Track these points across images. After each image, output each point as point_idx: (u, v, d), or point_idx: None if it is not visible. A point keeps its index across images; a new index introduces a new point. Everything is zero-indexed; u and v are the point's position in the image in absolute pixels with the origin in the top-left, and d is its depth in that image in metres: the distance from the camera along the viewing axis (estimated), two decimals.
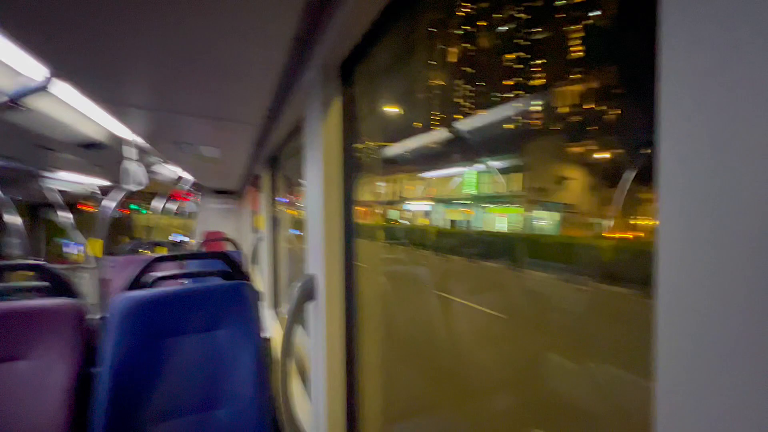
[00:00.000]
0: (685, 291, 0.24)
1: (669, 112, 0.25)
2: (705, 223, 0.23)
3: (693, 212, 0.23)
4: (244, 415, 1.22)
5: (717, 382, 0.22)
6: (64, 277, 1.44)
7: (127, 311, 1.21)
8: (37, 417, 1.09)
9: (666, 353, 0.25)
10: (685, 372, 0.24)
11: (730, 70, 0.21)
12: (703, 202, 0.23)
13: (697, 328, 0.23)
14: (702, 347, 0.23)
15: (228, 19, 0.77)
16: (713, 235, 0.22)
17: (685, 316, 0.24)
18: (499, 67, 0.74)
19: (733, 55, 0.21)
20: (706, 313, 0.23)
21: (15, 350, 1.14)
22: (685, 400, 0.24)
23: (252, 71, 1.06)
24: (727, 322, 0.22)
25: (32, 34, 0.84)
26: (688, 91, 0.24)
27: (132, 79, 1.15)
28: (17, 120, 1.79)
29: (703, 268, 0.23)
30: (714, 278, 0.22)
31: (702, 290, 0.23)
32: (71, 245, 5.41)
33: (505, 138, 0.80)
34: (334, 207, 0.99)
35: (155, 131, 1.88)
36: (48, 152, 2.55)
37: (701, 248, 0.23)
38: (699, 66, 0.23)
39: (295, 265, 2.79)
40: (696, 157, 0.23)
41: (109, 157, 2.89)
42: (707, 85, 0.23)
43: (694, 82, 0.23)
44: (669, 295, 0.25)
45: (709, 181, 0.22)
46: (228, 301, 1.33)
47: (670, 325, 0.25)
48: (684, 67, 0.24)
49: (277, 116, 1.57)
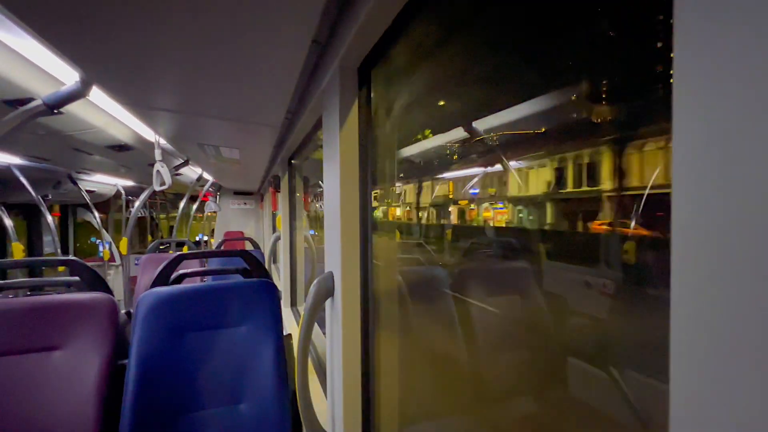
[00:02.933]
0: (699, 290, 0.24)
1: (683, 112, 0.25)
2: (719, 222, 0.23)
3: (707, 211, 0.23)
4: (265, 410, 1.25)
5: (732, 382, 0.22)
6: (95, 273, 1.50)
7: (153, 307, 1.25)
8: (71, 404, 1.15)
9: (680, 354, 0.25)
10: (700, 372, 0.24)
11: (745, 69, 0.21)
12: (718, 201, 0.23)
13: (711, 328, 0.23)
14: (717, 348, 0.23)
15: (249, 24, 0.80)
16: (728, 233, 0.22)
17: (700, 316, 0.24)
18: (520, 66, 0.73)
19: (749, 54, 0.21)
20: (721, 312, 0.23)
21: (52, 340, 1.20)
22: (700, 401, 0.24)
23: (272, 74, 1.09)
24: (742, 322, 0.22)
25: (66, 40, 0.89)
26: (703, 90, 0.23)
27: (159, 83, 1.20)
28: (50, 123, 1.88)
29: (717, 266, 0.23)
30: (729, 276, 0.22)
31: (717, 289, 0.23)
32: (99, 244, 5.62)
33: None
34: (352, 206, 1.00)
35: (180, 133, 1.94)
36: (78, 154, 2.67)
37: (715, 247, 0.23)
38: (713, 65, 0.23)
39: (312, 265, 2.83)
40: (710, 157, 0.23)
41: (136, 159, 3.00)
42: (722, 85, 0.23)
43: (708, 81, 0.23)
44: (683, 295, 0.25)
45: (724, 179, 0.22)
46: (250, 298, 1.36)
47: (684, 325, 0.25)
48: (698, 66, 0.24)
49: (296, 118, 1.60)
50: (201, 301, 1.31)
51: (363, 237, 1.02)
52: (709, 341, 0.24)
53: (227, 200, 6.38)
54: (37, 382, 1.15)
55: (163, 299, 1.27)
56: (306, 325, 1.03)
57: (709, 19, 0.23)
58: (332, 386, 1.13)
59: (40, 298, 1.23)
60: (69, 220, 5.91)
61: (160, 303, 1.26)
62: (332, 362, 1.12)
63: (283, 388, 1.28)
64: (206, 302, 1.32)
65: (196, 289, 1.33)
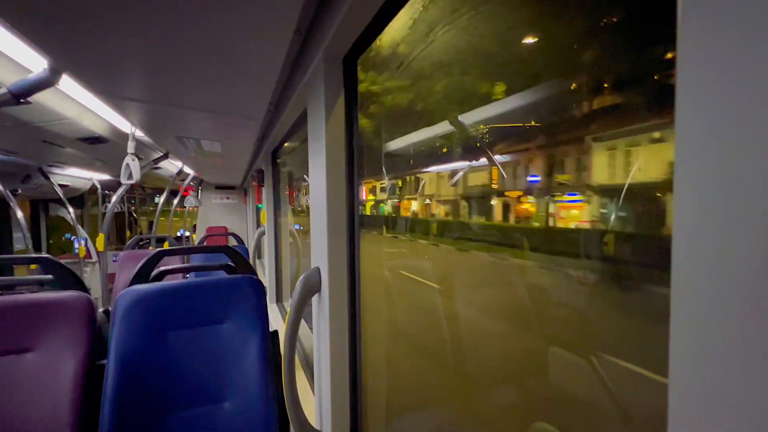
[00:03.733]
0: (700, 288, 0.24)
1: (686, 110, 0.25)
2: (721, 221, 0.23)
3: (709, 210, 0.23)
4: (251, 408, 1.23)
5: (732, 381, 0.22)
6: (69, 271, 1.44)
7: (132, 305, 1.21)
8: (46, 408, 1.10)
9: (680, 353, 0.25)
10: (699, 371, 0.24)
11: (749, 68, 0.21)
12: (720, 200, 0.23)
13: (712, 327, 0.23)
14: (717, 347, 0.23)
15: (229, 12, 0.77)
16: (729, 232, 0.22)
17: (700, 315, 0.24)
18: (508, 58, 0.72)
19: (752, 52, 0.21)
20: (722, 311, 0.23)
21: (24, 342, 1.15)
22: (699, 401, 0.24)
23: (254, 65, 1.05)
24: (742, 321, 0.22)
25: (33, 25, 0.84)
26: (706, 88, 0.23)
27: (133, 72, 1.14)
28: (17, 113, 1.78)
29: (718, 265, 0.23)
30: (730, 275, 0.22)
31: (718, 288, 0.23)
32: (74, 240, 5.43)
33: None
34: (339, 200, 0.99)
35: (157, 125, 1.87)
36: (49, 146, 2.55)
37: (717, 245, 0.23)
38: (717, 63, 0.23)
39: (297, 259, 2.80)
40: (712, 155, 0.23)
41: (112, 152, 2.89)
42: (725, 83, 0.22)
43: (712, 79, 0.23)
44: (684, 293, 0.25)
45: (727, 177, 0.22)
46: (234, 294, 1.33)
47: (684, 324, 0.25)
48: (702, 64, 0.24)
49: (280, 110, 1.56)
50: (183, 298, 1.28)
51: (350, 232, 1.00)
52: (708, 340, 0.23)
53: (209, 195, 6.24)
54: (9, 386, 1.10)
55: (143, 297, 1.23)
56: (292, 322, 1.01)
57: (714, 19, 0.23)
58: (320, 383, 1.12)
59: (10, 298, 1.18)
60: (41, 216, 5.68)
61: (139, 300, 1.22)
62: (319, 358, 1.11)
63: (270, 385, 1.26)
64: (188, 299, 1.28)
65: (178, 286, 1.29)
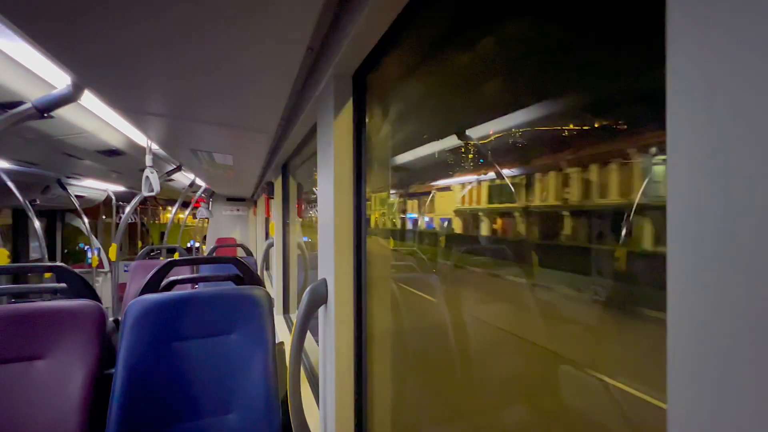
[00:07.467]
0: (696, 294, 0.24)
1: (677, 114, 0.25)
2: (715, 225, 0.23)
3: (703, 214, 0.24)
4: (256, 419, 1.22)
5: (730, 383, 0.22)
6: (83, 280, 1.47)
7: (142, 314, 1.23)
8: (55, 415, 1.11)
9: (677, 357, 0.25)
10: (697, 374, 0.24)
11: (739, 70, 0.22)
12: (713, 203, 0.23)
13: (709, 332, 0.23)
14: (714, 349, 0.23)
15: (244, 30, 0.80)
16: (723, 235, 0.22)
17: (697, 320, 0.24)
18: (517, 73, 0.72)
19: (742, 55, 0.21)
20: (718, 316, 0.23)
21: (36, 349, 1.17)
22: (698, 401, 0.24)
23: (266, 80, 1.09)
24: (740, 326, 0.22)
25: (58, 43, 0.88)
26: (697, 92, 0.24)
27: (152, 88, 1.19)
28: (40, 127, 1.85)
29: (714, 269, 0.23)
30: (726, 280, 0.22)
31: (713, 293, 0.23)
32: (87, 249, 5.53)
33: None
34: (346, 213, 1.00)
35: (172, 138, 1.93)
36: (69, 158, 2.63)
37: (711, 250, 0.23)
38: (707, 66, 0.23)
39: (305, 272, 2.81)
40: (705, 158, 0.23)
41: (128, 164, 2.97)
42: (716, 86, 0.23)
43: (702, 83, 0.23)
44: (680, 298, 0.25)
45: (719, 181, 0.23)
46: (241, 305, 1.34)
47: (681, 330, 0.25)
48: (692, 67, 0.24)
49: (290, 125, 1.59)
50: (191, 308, 1.29)
51: (357, 244, 1.01)
52: (705, 343, 0.24)
53: (220, 206, 6.33)
54: (19, 393, 1.11)
55: (152, 306, 1.25)
56: (298, 333, 1.02)
57: (703, 21, 0.23)
58: (324, 395, 1.12)
59: (24, 306, 1.20)
60: (57, 226, 5.81)
61: (149, 310, 1.24)
62: (325, 370, 1.10)
63: (275, 397, 1.25)
64: (197, 310, 1.30)
65: (187, 297, 1.30)
